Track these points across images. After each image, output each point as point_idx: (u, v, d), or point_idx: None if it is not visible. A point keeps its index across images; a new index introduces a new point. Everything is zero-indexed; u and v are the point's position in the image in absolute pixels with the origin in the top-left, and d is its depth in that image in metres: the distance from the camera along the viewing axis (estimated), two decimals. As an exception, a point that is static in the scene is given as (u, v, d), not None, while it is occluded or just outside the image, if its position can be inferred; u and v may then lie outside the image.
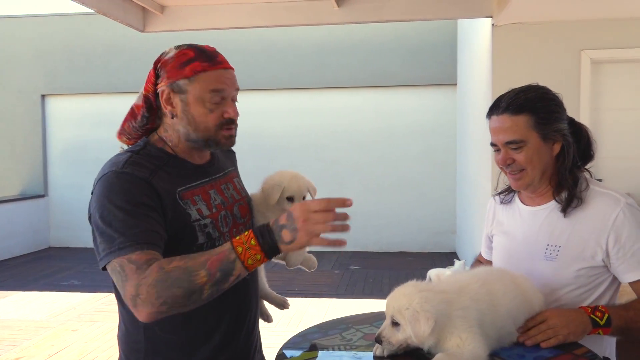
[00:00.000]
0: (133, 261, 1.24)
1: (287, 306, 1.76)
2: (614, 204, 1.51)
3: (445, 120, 8.41)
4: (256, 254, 1.22)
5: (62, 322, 5.27)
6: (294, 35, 8.40)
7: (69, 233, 9.26)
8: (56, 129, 9.37)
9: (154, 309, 1.21)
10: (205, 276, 1.20)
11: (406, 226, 8.56)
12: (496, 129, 1.57)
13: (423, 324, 1.24)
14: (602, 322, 1.40)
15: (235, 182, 1.62)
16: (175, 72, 1.40)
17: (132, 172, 1.34)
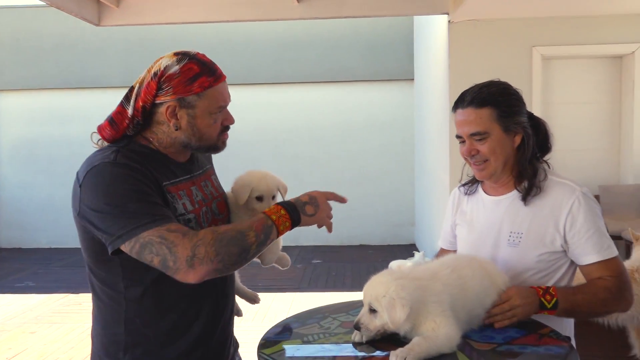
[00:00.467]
0: (174, 230, 1.30)
1: (257, 301, 1.79)
2: (570, 192, 1.61)
3: (403, 114, 8.56)
4: (286, 221, 1.41)
5: (19, 325, 5.12)
6: (252, 30, 8.37)
7: (21, 233, 8.96)
8: (5, 126, 9.02)
9: (212, 266, 1.29)
10: (254, 236, 1.35)
11: (366, 219, 8.68)
12: (461, 122, 1.65)
13: (399, 310, 1.30)
14: (549, 305, 1.49)
15: (213, 179, 1.66)
16: (183, 88, 1.43)
17: (127, 162, 1.36)
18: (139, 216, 1.30)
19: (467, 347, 1.33)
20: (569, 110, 5.47)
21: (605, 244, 1.58)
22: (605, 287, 1.55)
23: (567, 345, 1.34)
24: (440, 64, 5.57)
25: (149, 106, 1.44)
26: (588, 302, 1.54)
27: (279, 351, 1.36)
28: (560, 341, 1.38)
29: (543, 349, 1.33)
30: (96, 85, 8.69)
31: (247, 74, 8.52)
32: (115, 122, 1.46)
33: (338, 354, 1.33)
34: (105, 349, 1.47)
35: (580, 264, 1.62)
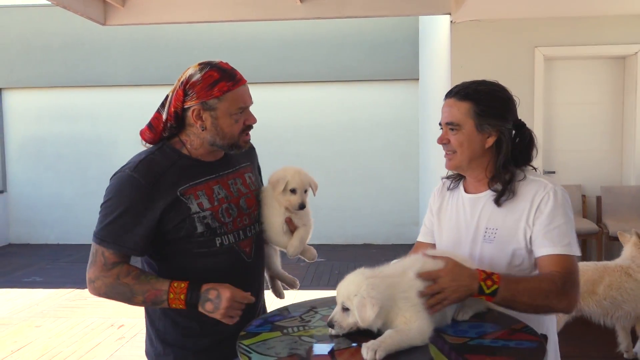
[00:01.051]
0: (105, 256, 1.59)
1: (296, 286, 1.97)
2: (542, 188, 1.63)
3: (408, 114, 8.57)
4: (179, 304, 1.56)
5: (25, 319, 5.21)
6: (257, 29, 8.42)
7: (29, 230, 9.08)
8: (14, 124, 9.15)
9: (97, 295, 1.62)
10: (141, 300, 1.59)
11: (370, 219, 8.71)
12: (443, 110, 1.72)
13: (369, 309, 1.34)
14: (487, 291, 1.44)
15: (246, 177, 1.82)
16: (205, 93, 1.62)
17: (138, 177, 1.60)
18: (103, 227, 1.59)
19: (439, 340, 1.37)
20: (571, 111, 5.48)
21: (564, 240, 1.58)
22: (550, 279, 1.52)
23: (538, 341, 1.37)
24: (443, 64, 5.60)
25: (180, 111, 1.66)
26: (529, 291, 1.49)
27: (257, 342, 1.40)
28: (532, 336, 1.41)
29: (514, 343, 1.37)
30: (103, 84, 8.79)
31: (251, 73, 8.49)
32: (153, 127, 1.70)
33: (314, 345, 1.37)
34: (148, 319, 1.76)
35: (535, 256, 1.61)
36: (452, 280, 1.42)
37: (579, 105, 5.48)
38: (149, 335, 1.78)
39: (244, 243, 1.73)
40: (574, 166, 5.52)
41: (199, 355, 1.71)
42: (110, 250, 1.58)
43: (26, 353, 4.37)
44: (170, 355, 1.71)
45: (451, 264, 1.46)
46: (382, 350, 1.26)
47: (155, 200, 1.60)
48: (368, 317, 1.33)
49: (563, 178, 5.49)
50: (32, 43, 8.86)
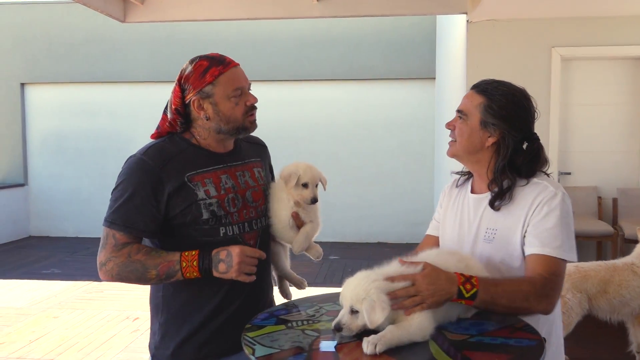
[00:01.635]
0: (115, 238, 1.63)
1: (304, 286, 2.00)
2: (543, 190, 1.63)
3: (424, 113, 8.56)
4: (193, 272, 1.59)
5: (43, 309, 5.33)
6: (274, 27, 8.47)
7: (49, 222, 9.26)
8: (36, 118, 9.33)
9: (109, 279, 1.64)
10: (155, 275, 1.60)
11: (384, 217, 8.72)
12: (462, 98, 1.74)
13: (378, 312, 1.36)
14: (467, 294, 1.43)
15: (255, 171, 1.85)
16: (199, 82, 1.68)
17: (147, 160, 1.66)
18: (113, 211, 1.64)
19: (440, 337, 1.40)
20: (588, 112, 5.43)
21: (554, 243, 1.56)
22: (530, 281, 1.52)
23: (537, 339, 1.39)
24: (459, 63, 5.59)
25: (182, 108, 1.72)
26: (509, 293, 1.48)
27: (262, 335, 1.44)
28: (532, 335, 1.43)
29: (513, 341, 1.38)
30: (122, 80, 8.91)
31: (269, 71, 8.63)
32: (159, 127, 1.77)
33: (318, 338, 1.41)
34: (153, 311, 1.81)
35: (525, 254, 1.60)
36: (429, 284, 1.41)
37: (595, 107, 5.43)
38: (152, 328, 1.82)
39: (248, 235, 1.76)
40: (590, 168, 5.48)
41: (197, 349, 1.73)
42: (121, 232, 1.62)
43: (44, 343, 4.48)
44: (168, 349, 1.73)
45: (429, 268, 1.45)
46: (382, 344, 1.29)
47: (164, 182, 1.64)
48: (377, 319, 1.36)
49: (579, 179, 5.45)
50: (53, 39, 9.02)
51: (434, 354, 1.31)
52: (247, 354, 1.34)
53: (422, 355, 1.32)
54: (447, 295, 1.42)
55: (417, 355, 1.31)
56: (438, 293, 1.41)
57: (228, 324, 1.72)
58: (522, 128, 1.67)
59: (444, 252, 1.65)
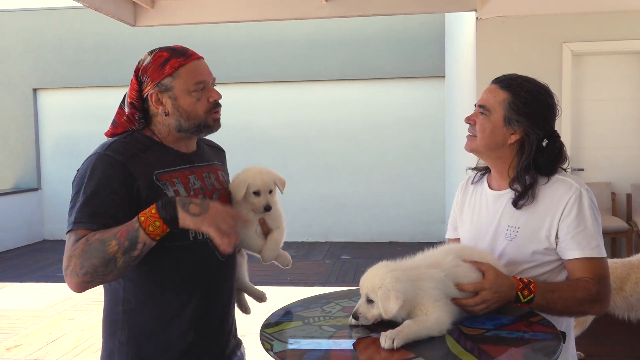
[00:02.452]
0: (78, 233, 1.40)
1: (264, 299, 1.84)
2: (568, 189, 1.61)
3: (434, 112, 8.54)
4: (155, 221, 1.35)
5: (59, 312, 5.39)
6: (283, 28, 8.49)
7: (63, 226, 9.05)
8: (48, 123, 9.43)
9: (79, 279, 1.37)
10: (116, 245, 1.34)
11: (396, 217, 8.71)
12: (483, 92, 1.72)
13: (392, 301, 1.37)
14: (523, 300, 1.50)
15: (219, 174, 1.73)
16: (157, 74, 1.55)
17: (111, 154, 1.49)
18: (74, 214, 1.43)
19: (456, 331, 1.40)
20: (601, 108, 5.39)
21: (592, 243, 1.57)
22: (585, 287, 1.54)
23: (554, 333, 1.39)
24: (469, 61, 5.57)
25: (138, 102, 1.58)
26: (564, 299, 1.53)
27: (279, 331, 1.46)
28: (548, 328, 1.42)
29: (530, 334, 1.39)
30: (134, 84, 8.98)
31: (278, 71, 8.66)
32: (115, 121, 1.62)
33: (335, 334, 1.42)
34: (108, 328, 1.59)
35: (564, 259, 1.61)
36: (494, 293, 1.47)
37: (608, 102, 5.39)
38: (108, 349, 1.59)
39: None
40: (604, 164, 5.44)
41: None
42: (83, 228, 1.40)
43: (60, 344, 4.53)
44: None
45: (493, 275, 1.49)
46: (399, 339, 1.30)
47: (132, 178, 1.47)
48: (392, 309, 1.37)
49: (592, 176, 5.41)
50: (65, 44, 9.12)
51: (450, 348, 1.31)
52: (265, 350, 1.36)
53: (439, 349, 1.32)
54: (507, 301, 1.49)
55: (434, 350, 1.32)
56: (500, 300, 1.48)
57: (201, 340, 1.59)
58: (545, 126, 1.65)
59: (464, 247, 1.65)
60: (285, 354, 1.31)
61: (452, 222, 1.94)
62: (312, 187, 8.54)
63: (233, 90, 8.74)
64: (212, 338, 1.63)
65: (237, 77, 8.67)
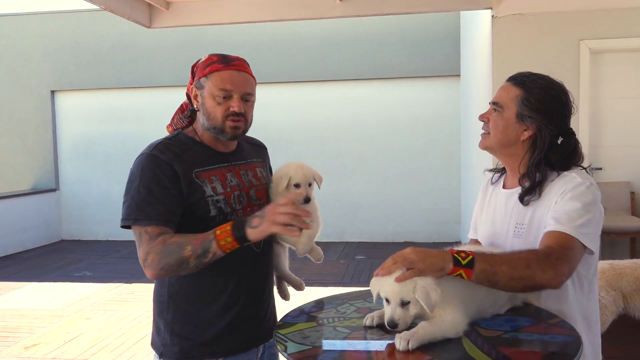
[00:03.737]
0: (148, 232, 1.59)
1: (302, 288, 1.95)
2: (569, 181, 1.59)
3: (449, 111, 8.48)
4: (227, 237, 1.52)
5: (76, 311, 5.44)
6: (298, 28, 8.50)
7: (80, 226, 9.45)
8: (66, 124, 9.53)
9: (155, 272, 1.57)
10: (191, 250, 1.53)
11: (411, 216, 8.67)
12: (497, 90, 1.71)
13: (433, 295, 1.36)
14: (463, 262, 1.39)
15: (257, 170, 1.86)
16: (200, 72, 1.71)
17: (158, 155, 1.66)
18: (138, 211, 1.61)
19: (473, 333, 1.38)
20: (619, 105, 5.31)
21: (572, 223, 1.49)
22: (531, 250, 1.47)
23: (573, 335, 1.36)
24: (485, 60, 5.52)
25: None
26: (508, 260, 1.42)
27: (293, 332, 1.45)
28: (567, 331, 1.40)
29: (548, 337, 1.36)
30: (149, 85, 9.05)
31: (293, 72, 8.66)
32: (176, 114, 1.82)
33: (349, 335, 1.41)
34: (157, 309, 1.79)
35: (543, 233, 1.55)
36: (417, 252, 1.40)
37: (627, 100, 5.31)
38: (156, 325, 1.79)
39: None
40: (623, 162, 5.36)
41: (205, 347, 1.72)
42: (151, 225, 1.59)
43: (77, 344, 4.57)
44: (177, 346, 1.72)
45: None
46: (414, 340, 1.28)
47: (177, 175, 1.63)
48: (434, 301, 1.35)
49: (611, 175, 5.33)
50: (82, 47, 9.21)
51: (467, 350, 1.29)
52: (280, 351, 1.35)
53: (456, 351, 1.30)
54: (440, 261, 1.39)
55: (451, 352, 1.30)
56: (428, 258, 1.38)
57: (235, 322, 1.73)
58: (559, 122, 1.63)
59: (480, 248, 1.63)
60: (300, 355, 1.30)
61: (473, 223, 1.94)
62: (327, 186, 8.33)
63: (248, 90, 8.76)
64: (246, 321, 1.76)
65: (251, 78, 8.68)
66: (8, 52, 9.42)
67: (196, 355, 1.72)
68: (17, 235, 8.60)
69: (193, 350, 1.71)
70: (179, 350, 1.72)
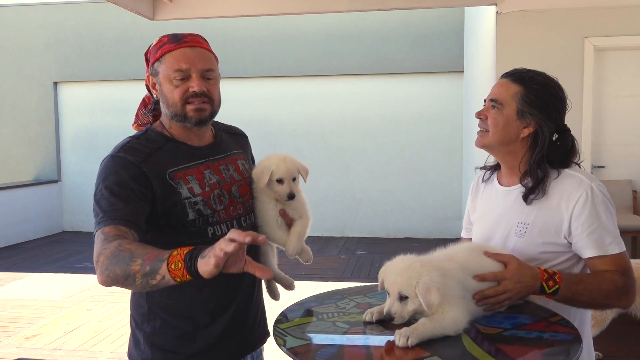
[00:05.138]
0: (105, 233, 1.40)
1: (292, 287, 1.81)
2: (578, 184, 1.58)
3: (452, 107, 8.46)
4: (178, 262, 1.25)
5: (77, 302, 5.45)
6: (302, 22, 8.47)
7: (82, 218, 9.46)
8: (68, 116, 9.54)
9: (102, 278, 1.35)
10: (139, 265, 1.29)
11: (412, 212, 8.66)
12: (492, 87, 1.69)
13: (434, 294, 1.35)
14: (548, 291, 1.47)
15: (239, 163, 1.71)
16: (153, 57, 1.57)
17: (124, 156, 1.51)
18: (99, 214, 1.44)
19: (473, 330, 1.38)
20: (623, 104, 5.29)
21: (607, 240, 1.54)
22: (611, 279, 1.52)
23: (573, 333, 1.36)
24: (488, 56, 5.50)
25: None
26: (590, 292, 1.50)
27: (292, 326, 1.45)
28: (568, 328, 1.40)
29: (548, 334, 1.36)
30: (152, 77, 9.03)
31: (296, 66, 8.64)
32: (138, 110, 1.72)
33: (349, 330, 1.41)
34: (136, 319, 1.65)
35: (583, 257, 1.58)
36: (516, 283, 1.45)
37: (630, 98, 5.29)
38: (134, 337, 1.65)
39: None
40: (625, 161, 5.34)
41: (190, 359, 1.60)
42: (109, 226, 1.40)
43: (78, 335, 4.58)
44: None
45: (515, 265, 1.48)
46: (414, 337, 1.28)
47: (147, 177, 1.49)
48: (434, 301, 1.34)
49: (613, 173, 5.32)
50: (84, 38, 9.20)
51: (467, 347, 1.29)
52: (278, 345, 1.35)
53: (455, 348, 1.30)
54: (531, 291, 1.47)
55: (450, 349, 1.29)
56: (524, 290, 1.46)
57: (223, 333, 1.62)
58: (557, 119, 1.64)
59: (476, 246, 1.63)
60: (299, 350, 1.30)
61: (465, 221, 1.93)
62: (328, 181, 8.51)
63: (251, 84, 8.75)
64: (235, 331, 1.65)
65: (254, 72, 8.68)
66: (11, 42, 9.41)
67: None
68: (19, 226, 8.62)
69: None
70: None
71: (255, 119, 8.37)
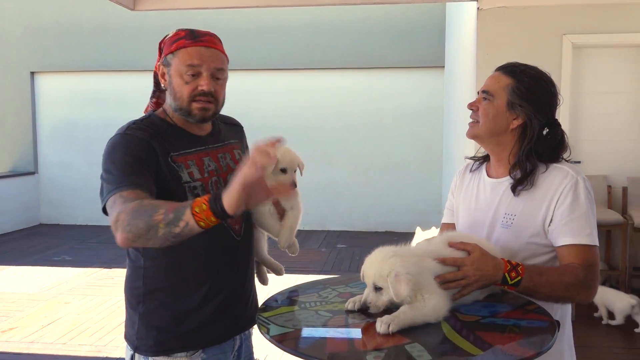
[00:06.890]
0: (124, 196, 1.44)
1: (282, 273, 1.91)
2: (565, 176, 1.62)
3: (433, 102, 8.53)
4: (202, 204, 1.31)
5: (55, 295, 5.40)
6: (285, 15, 8.44)
7: (59, 210, 9.34)
8: (46, 107, 9.38)
9: (124, 235, 1.38)
10: (162, 214, 1.34)
11: (393, 206, 8.73)
12: (486, 79, 1.73)
13: (403, 285, 1.37)
14: (510, 282, 1.48)
15: (235, 152, 1.77)
16: (167, 49, 1.62)
17: (133, 133, 1.56)
18: (114, 182, 1.47)
19: (452, 318, 1.41)
20: (599, 100, 5.39)
21: (585, 231, 1.57)
22: (573, 273, 1.53)
23: (549, 321, 1.40)
24: (469, 51, 5.55)
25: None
26: (551, 284, 1.51)
27: (275, 315, 1.46)
28: (544, 316, 1.43)
29: (525, 322, 1.40)
30: (132, 68, 8.92)
31: (279, 59, 8.62)
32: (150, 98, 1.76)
33: (331, 319, 1.43)
34: (129, 301, 1.69)
35: (555, 245, 1.61)
36: (476, 270, 1.46)
37: (607, 95, 5.38)
38: (130, 318, 1.69)
39: (233, 220, 1.65)
40: (600, 156, 5.45)
41: (183, 339, 1.63)
42: (128, 190, 1.44)
43: (56, 328, 4.54)
44: (152, 339, 1.63)
45: (478, 253, 1.49)
46: (395, 324, 1.30)
47: (155, 153, 1.54)
48: (403, 292, 1.37)
49: (589, 168, 5.42)
50: (63, 28, 9.05)
51: (446, 334, 1.32)
52: (262, 334, 1.36)
53: (435, 335, 1.33)
54: (492, 281, 1.48)
55: (430, 336, 1.32)
56: (484, 278, 1.46)
57: (217, 313, 1.65)
58: (547, 112, 1.66)
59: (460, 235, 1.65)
60: (282, 338, 1.32)
61: (449, 206, 1.94)
62: (310, 175, 8.39)
63: (233, 77, 8.60)
64: (227, 311, 1.69)
65: (237, 64, 8.58)
66: (-13, 31, 9.22)
67: (173, 348, 1.62)
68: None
69: (170, 343, 1.62)
70: (155, 344, 1.62)
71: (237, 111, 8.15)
